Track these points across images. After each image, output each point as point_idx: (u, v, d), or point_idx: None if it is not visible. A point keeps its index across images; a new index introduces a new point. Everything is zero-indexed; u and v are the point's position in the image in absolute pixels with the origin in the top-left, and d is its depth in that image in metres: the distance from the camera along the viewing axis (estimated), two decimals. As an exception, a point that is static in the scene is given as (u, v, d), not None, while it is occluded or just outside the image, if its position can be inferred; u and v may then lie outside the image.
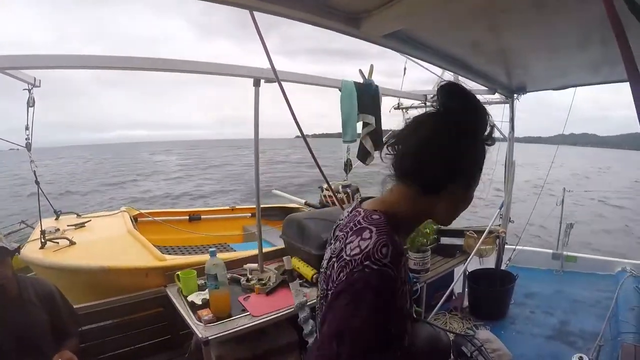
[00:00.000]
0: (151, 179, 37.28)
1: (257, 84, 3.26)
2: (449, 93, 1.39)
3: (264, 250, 3.75)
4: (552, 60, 4.04)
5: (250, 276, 3.43)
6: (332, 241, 1.46)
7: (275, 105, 3.40)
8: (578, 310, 5.81)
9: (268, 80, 3.24)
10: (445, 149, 1.27)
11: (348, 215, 1.43)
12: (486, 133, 1.34)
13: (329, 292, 1.23)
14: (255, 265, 3.60)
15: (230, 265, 3.57)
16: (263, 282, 3.31)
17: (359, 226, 1.24)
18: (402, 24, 2.50)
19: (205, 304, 2.96)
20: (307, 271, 3.31)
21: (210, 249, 2.96)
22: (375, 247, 1.12)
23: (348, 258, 1.17)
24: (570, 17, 2.58)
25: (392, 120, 6.62)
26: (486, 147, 1.35)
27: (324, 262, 1.45)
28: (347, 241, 1.22)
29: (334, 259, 1.26)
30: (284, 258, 3.28)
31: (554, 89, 5.48)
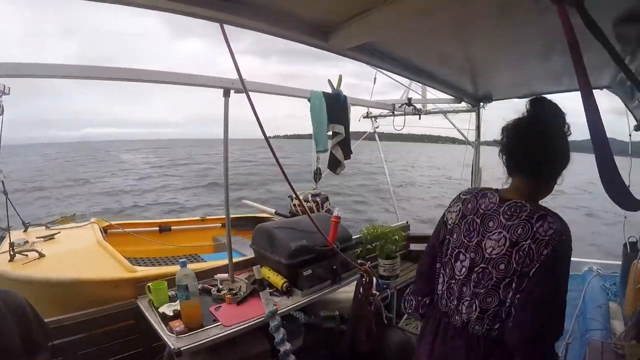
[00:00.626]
0: (118, 177, 37.24)
1: (226, 94, 3.26)
2: (546, 106, 1.86)
3: (235, 260, 3.74)
4: (517, 70, 4.19)
5: (221, 286, 3.42)
6: (490, 230, 1.80)
7: (247, 105, 3.45)
8: None
9: (237, 91, 3.24)
10: (559, 148, 1.71)
11: (494, 207, 1.83)
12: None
13: (523, 266, 1.65)
14: (225, 275, 3.59)
15: (201, 275, 3.53)
16: (234, 291, 3.30)
17: (538, 214, 1.68)
18: (369, 38, 2.57)
19: (177, 315, 2.94)
20: (277, 280, 3.32)
21: (181, 260, 2.96)
22: (562, 226, 1.65)
23: (549, 236, 1.62)
24: (533, 30, 2.71)
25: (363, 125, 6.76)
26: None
27: (494, 247, 1.75)
28: (537, 225, 1.65)
29: (525, 243, 1.65)
30: (254, 268, 3.29)
31: (518, 98, 5.64)
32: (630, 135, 5.17)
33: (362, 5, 2.25)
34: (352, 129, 4.48)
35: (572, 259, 1.76)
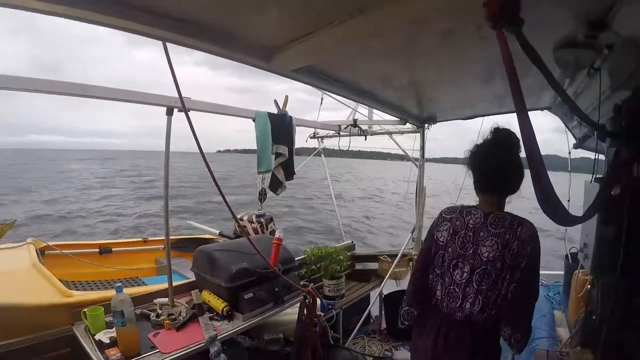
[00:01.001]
0: (60, 186, 35.80)
1: (169, 112, 3.18)
2: (504, 135, 2.41)
3: (176, 283, 3.63)
4: (460, 93, 4.32)
5: (160, 311, 3.30)
6: (482, 239, 2.34)
7: (197, 118, 3.39)
8: None
9: (181, 110, 3.12)
10: (518, 168, 2.05)
11: (486, 221, 2.36)
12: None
13: (514, 262, 2.24)
14: (165, 300, 3.45)
15: (140, 300, 3.42)
16: (173, 317, 3.19)
17: (517, 221, 2.30)
18: (311, 60, 2.57)
19: (114, 342, 2.81)
20: (218, 304, 3.23)
21: (117, 284, 2.84)
22: (534, 228, 2.29)
23: (528, 237, 2.25)
24: (475, 54, 2.80)
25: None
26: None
27: (489, 252, 2.29)
28: (519, 231, 2.25)
29: (513, 245, 2.24)
30: (192, 292, 3.20)
31: (462, 119, 5.85)
32: (569, 153, 5.56)
33: (304, 29, 2.24)
34: (303, 145, 4.50)
35: None
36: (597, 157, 3.68)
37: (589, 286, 4.16)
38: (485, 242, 2.31)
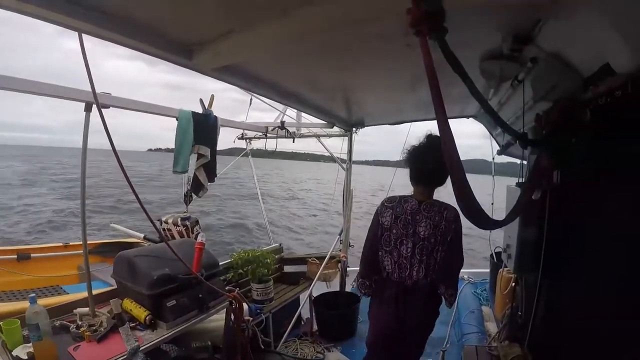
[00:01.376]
0: None
1: (88, 108, 2.94)
2: (436, 139, 2.94)
3: (99, 291, 3.45)
4: (388, 99, 4.40)
5: (80, 322, 3.10)
6: (418, 221, 3.00)
7: (124, 114, 3.19)
8: None
9: (103, 106, 2.94)
10: (444, 166, 1.91)
11: (420, 207, 3.03)
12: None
13: (443, 237, 2.96)
14: (86, 310, 3.26)
15: (59, 311, 3.21)
16: (94, 328, 3.02)
17: (443, 206, 2.97)
18: (234, 59, 2.50)
19: (32, 357, 2.60)
20: (140, 313, 3.07)
21: (30, 295, 2.67)
22: (456, 211, 2.86)
23: (452, 217, 2.94)
24: (401, 62, 2.83)
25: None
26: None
27: (425, 230, 2.98)
28: (445, 214, 2.93)
29: (441, 224, 2.93)
30: (111, 301, 3.03)
31: (390, 124, 5.99)
32: (493, 158, 5.88)
33: (227, 26, 2.18)
34: (232, 145, 4.39)
35: None
36: (521, 162, 3.80)
37: (513, 284, 4.30)
38: (420, 223, 3.00)
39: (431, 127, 2.76)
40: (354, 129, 6.11)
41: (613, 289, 2.31)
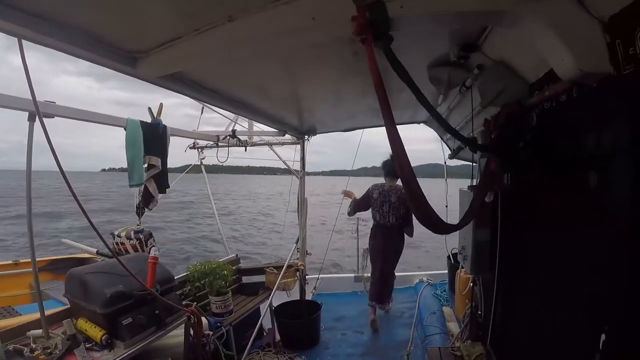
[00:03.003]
0: None
1: (32, 118, 2.68)
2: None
3: (52, 311, 3.31)
4: (339, 107, 4.44)
5: (34, 345, 2.99)
6: (390, 195, 6.26)
7: (75, 133, 3.06)
8: (386, 324, 6.35)
9: (46, 115, 2.72)
10: None
11: (390, 189, 6.30)
12: None
13: (402, 202, 6.17)
14: (39, 332, 3.14)
15: (11, 334, 3.02)
16: (49, 351, 2.91)
17: (399, 187, 6.26)
18: (179, 67, 2.44)
19: None
20: (95, 333, 2.96)
21: None
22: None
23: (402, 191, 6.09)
24: (350, 69, 2.85)
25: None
26: None
27: (394, 199, 6.22)
28: (399, 191, 6.26)
29: (401, 196, 6.18)
30: (64, 322, 2.92)
31: (342, 131, 6.18)
32: (445, 162, 6.17)
33: (171, 33, 2.16)
34: (185, 162, 4.28)
35: (404, 273, 6.26)
36: (472, 165, 3.86)
37: (471, 284, 4.38)
38: (391, 196, 6.22)
39: (383, 132, 2.72)
40: (306, 136, 6.16)
41: (560, 283, 2.41)
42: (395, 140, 1.69)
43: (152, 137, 3.91)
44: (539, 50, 1.82)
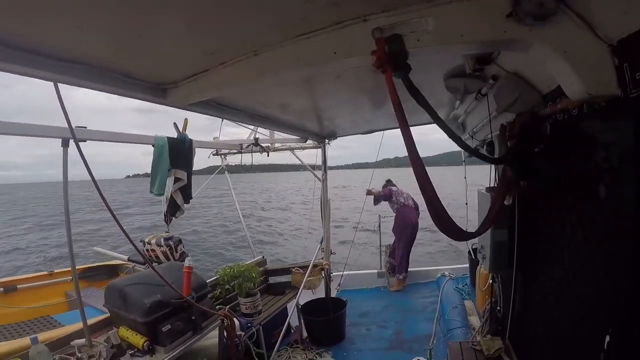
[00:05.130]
0: None
1: (65, 144, 2.97)
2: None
3: (92, 320, 3.48)
4: (356, 114, 4.60)
5: (79, 354, 3.13)
6: (398, 199, 8.27)
7: (99, 142, 3.18)
8: (409, 319, 6.44)
9: (80, 140, 2.92)
10: None
11: (398, 190, 8.41)
12: None
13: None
14: (82, 341, 3.25)
15: (56, 345, 3.19)
16: (94, 359, 3.10)
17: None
18: (207, 95, 2.56)
19: None
20: (137, 340, 3.12)
21: (32, 337, 2.69)
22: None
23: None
24: (367, 84, 2.98)
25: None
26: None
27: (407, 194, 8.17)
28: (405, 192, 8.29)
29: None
30: (110, 333, 3.08)
31: (362, 133, 6.18)
32: (464, 161, 6.10)
33: (197, 67, 2.30)
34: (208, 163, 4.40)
35: (426, 268, 6.73)
36: (490, 167, 3.94)
37: (491, 281, 4.47)
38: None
39: (396, 132, 2.73)
40: (327, 140, 6.29)
41: (570, 286, 2.51)
42: (410, 144, 1.76)
43: (179, 152, 4.08)
44: (549, 70, 1.88)
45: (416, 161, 1.77)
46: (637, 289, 1.70)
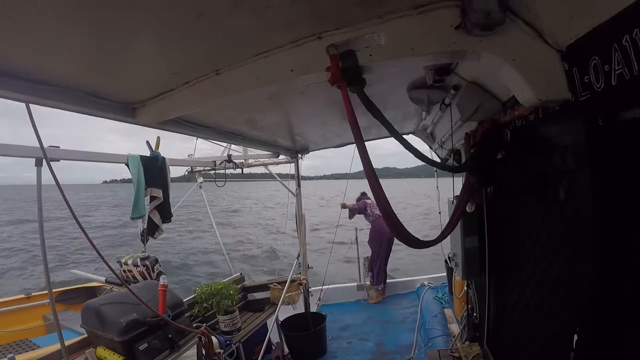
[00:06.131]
0: None
1: (39, 164, 2.80)
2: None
3: (72, 341, 3.46)
4: (327, 128, 4.66)
5: None
6: (373, 211, 8.33)
7: (73, 147, 3.18)
8: (390, 330, 6.50)
9: (53, 159, 2.82)
10: None
11: (373, 203, 8.05)
12: None
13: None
14: None
15: None
16: (73, 380, 3.07)
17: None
18: (174, 114, 2.59)
19: None
20: (114, 359, 3.16)
21: (9, 356, 2.68)
22: None
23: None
24: (334, 98, 2.98)
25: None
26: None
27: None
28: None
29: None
30: (86, 352, 3.08)
31: (334, 147, 6.23)
32: (435, 172, 6.21)
33: (163, 86, 2.34)
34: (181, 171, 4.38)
35: (406, 278, 6.88)
36: (453, 178, 4.01)
37: (466, 288, 4.53)
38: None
39: (375, 144, 2.76)
40: (299, 155, 6.33)
41: (538, 288, 2.60)
42: (364, 160, 1.85)
43: (153, 170, 4.06)
44: (502, 78, 1.95)
45: (370, 174, 1.86)
46: (599, 288, 1.76)
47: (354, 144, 6.12)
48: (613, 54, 1.37)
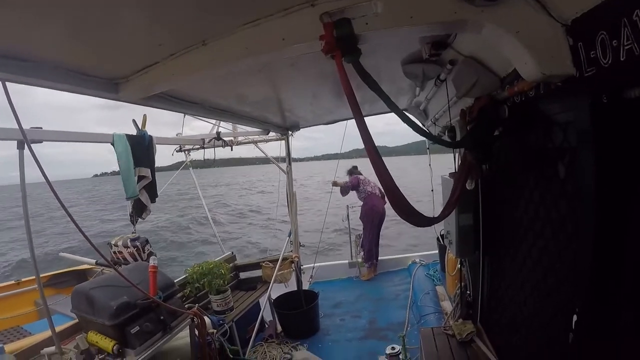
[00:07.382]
0: None
1: (21, 146, 2.75)
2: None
3: (62, 327, 3.42)
4: (318, 104, 4.54)
5: None
6: (365, 187, 8.45)
7: (64, 142, 3.07)
8: (382, 307, 6.54)
9: (34, 142, 2.84)
10: None
11: (365, 179, 8.60)
12: None
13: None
14: (52, 349, 3.18)
15: (26, 355, 3.18)
16: (65, 366, 3.02)
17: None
18: (159, 88, 2.49)
19: None
20: (106, 344, 3.04)
21: None
22: None
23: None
24: (325, 71, 2.94)
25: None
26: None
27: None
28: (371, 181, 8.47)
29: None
30: (77, 338, 3.02)
31: (325, 124, 6.18)
32: (428, 148, 6.12)
33: (147, 59, 2.24)
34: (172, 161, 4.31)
35: (397, 256, 7.03)
36: (453, 152, 3.94)
37: (459, 266, 4.52)
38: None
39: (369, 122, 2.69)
40: (290, 132, 6.27)
41: (534, 266, 2.56)
42: (364, 134, 1.77)
43: (140, 149, 3.97)
44: (504, 51, 1.88)
45: (372, 150, 1.77)
46: (599, 268, 1.72)
47: (345, 121, 6.20)
48: (622, 29, 1.30)
